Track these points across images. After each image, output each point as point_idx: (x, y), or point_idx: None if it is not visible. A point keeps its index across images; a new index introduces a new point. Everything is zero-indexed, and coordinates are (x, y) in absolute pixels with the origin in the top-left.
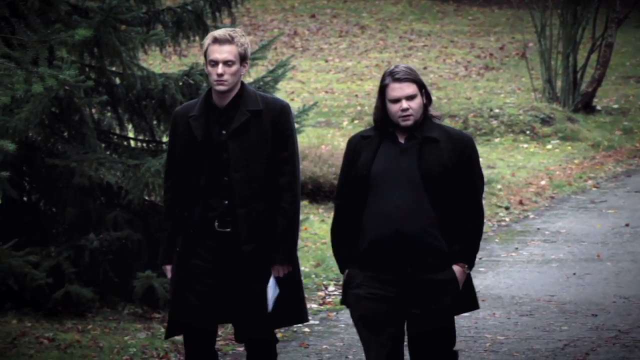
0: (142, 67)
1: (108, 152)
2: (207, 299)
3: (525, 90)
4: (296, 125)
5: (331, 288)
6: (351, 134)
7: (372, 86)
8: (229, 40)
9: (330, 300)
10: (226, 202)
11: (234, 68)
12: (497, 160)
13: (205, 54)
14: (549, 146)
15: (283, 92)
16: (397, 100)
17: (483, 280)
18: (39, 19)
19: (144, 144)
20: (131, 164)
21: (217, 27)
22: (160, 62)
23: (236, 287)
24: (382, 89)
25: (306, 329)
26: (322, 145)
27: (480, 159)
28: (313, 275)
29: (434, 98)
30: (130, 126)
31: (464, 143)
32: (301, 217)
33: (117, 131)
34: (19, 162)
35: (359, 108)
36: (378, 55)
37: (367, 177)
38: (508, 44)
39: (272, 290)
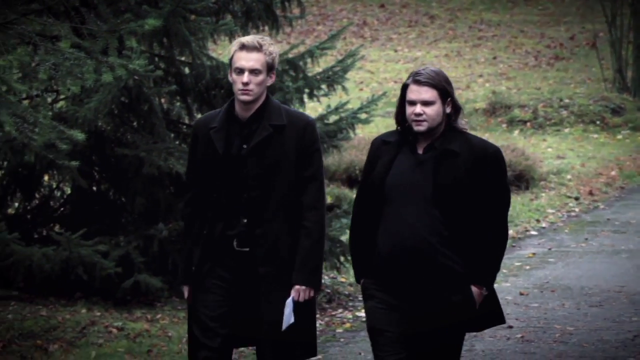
0: (211, 56)
1: (177, 142)
2: (224, 322)
3: (595, 80)
4: (364, 116)
5: None
6: None
7: None
8: (257, 48)
9: None
10: (245, 220)
11: (260, 78)
12: (567, 150)
13: (231, 61)
14: (619, 136)
15: (352, 81)
16: (413, 103)
17: (553, 270)
18: (108, 8)
19: None
20: None
21: (286, 18)
22: (229, 52)
23: (254, 309)
24: (404, 89)
25: None
26: None
27: (550, 149)
28: None
29: (502, 88)
30: (199, 116)
31: (486, 156)
32: None
33: (186, 121)
34: (88, 151)
35: None
36: (447, 45)
37: (381, 188)
38: (578, 33)
39: (288, 311)
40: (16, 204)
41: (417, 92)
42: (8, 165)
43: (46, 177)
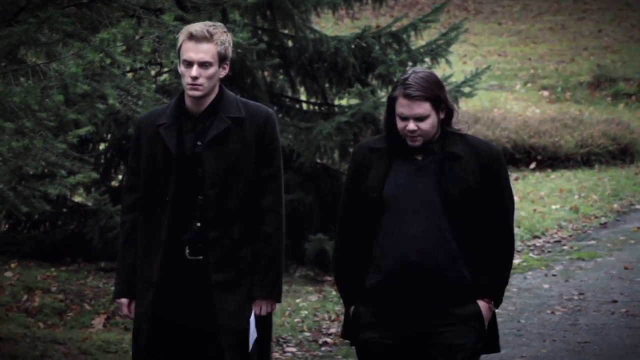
0: (314, 29)
1: (280, 115)
2: (176, 350)
3: None
4: (468, 89)
5: None
6: (524, 97)
7: (546, 49)
8: (207, 38)
9: None
10: (198, 224)
11: (211, 70)
12: None
13: (179, 52)
14: None
15: (455, 55)
16: (405, 118)
17: None
18: None
19: (316, 107)
20: (303, 127)
21: None
22: (332, 25)
23: (211, 326)
24: (391, 101)
25: None
26: (495, 108)
27: None
28: None
29: (607, 61)
30: (302, 89)
31: (490, 157)
32: None
33: (289, 94)
34: None
35: (532, 71)
36: (551, 18)
37: (378, 201)
38: None
39: (252, 329)
40: (120, 177)
41: (408, 108)
42: (112, 137)
43: None
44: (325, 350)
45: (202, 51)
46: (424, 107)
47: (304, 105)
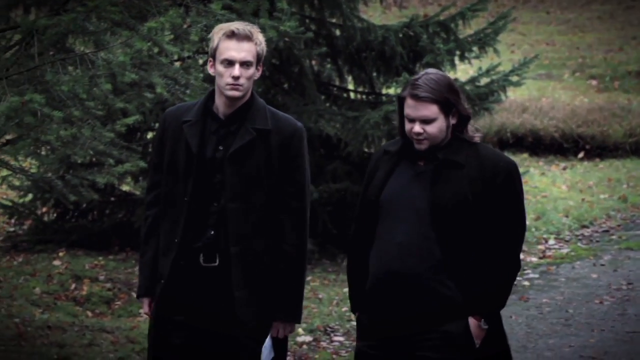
0: (362, 18)
1: (327, 104)
2: (188, 354)
3: None
4: (516, 78)
5: (551, 242)
6: (572, 86)
7: (594, 38)
8: (249, 37)
9: (550, 254)
10: (212, 232)
11: (251, 71)
12: None
13: (216, 50)
14: None
15: (503, 44)
16: (411, 120)
17: None
18: None
19: (364, 96)
20: (350, 116)
21: None
22: (380, 14)
23: (224, 340)
24: (400, 101)
25: (526, 282)
26: (543, 97)
27: None
28: (533, 229)
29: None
30: (349, 78)
31: (496, 169)
32: (521, 169)
33: (337, 83)
34: None
35: (580, 60)
36: (600, 7)
37: (375, 205)
38: None
39: (267, 352)
40: None
41: (414, 109)
42: None
43: None
44: None
45: (244, 50)
46: (431, 110)
47: (352, 94)
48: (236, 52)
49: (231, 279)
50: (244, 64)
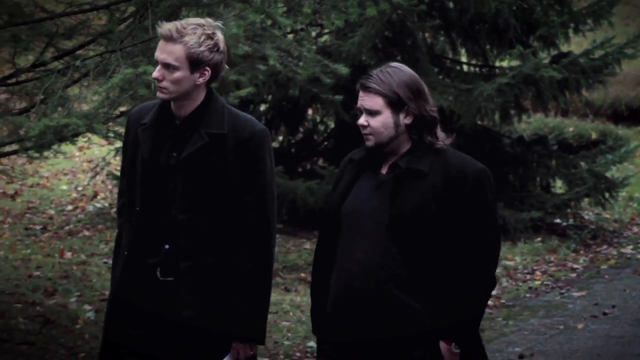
0: None
1: (440, 77)
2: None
3: None
4: (630, 51)
5: None
6: None
7: None
8: (173, 39)
9: None
10: (167, 246)
11: (178, 75)
12: None
13: None
14: None
15: (618, 16)
16: (360, 111)
17: None
18: None
19: (477, 69)
20: (464, 88)
21: None
22: None
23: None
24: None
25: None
26: None
27: None
28: None
29: None
30: (462, 50)
31: (463, 177)
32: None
33: (450, 55)
34: (352, 85)
35: None
36: None
37: (337, 218)
38: None
39: None
40: (280, 138)
41: (360, 99)
42: (272, 99)
43: (310, 111)
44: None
45: (166, 51)
46: (375, 101)
47: (465, 67)
48: (159, 52)
49: (180, 296)
50: (165, 66)
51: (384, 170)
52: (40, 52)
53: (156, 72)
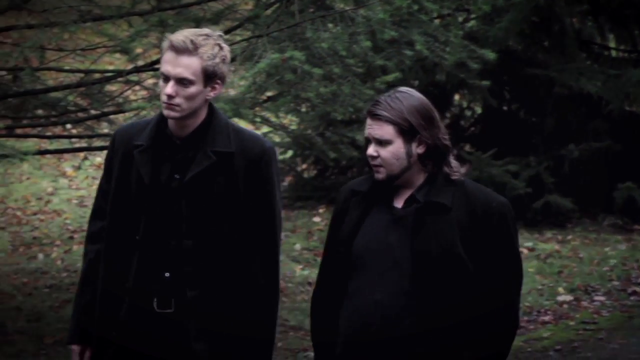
0: None
1: (588, 62)
2: None
3: None
4: None
5: None
6: None
7: None
8: (189, 50)
9: None
10: (168, 274)
11: (192, 90)
12: None
13: (161, 61)
14: None
15: None
16: (368, 141)
17: None
18: None
19: (626, 54)
20: (612, 74)
21: None
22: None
23: None
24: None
25: None
26: None
27: None
28: None
29: None
30: (611, 36)
31: (489, 210)
32: None
33: (598, 41)
34: (498, 71)
35: None
36: None
37: (347, 256)
38: None
39: None
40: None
41: (369, 128)
42: (419, 84)
43: (456, 97)
44: (634, 300)
45: (181, 65)
46: (385, 130)
47: (613, 53)
48: (172, 66)
49: (188, 328)
50: (180, 81)
51: (398, 204)
52: None
53: (169, 88)
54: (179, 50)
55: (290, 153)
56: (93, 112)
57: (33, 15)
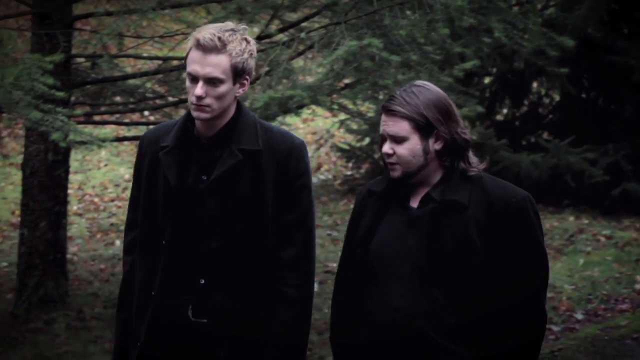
0: None
1: None
2: None
3: None
4: None
5: None
6: None
7: None
8: (217, 48)
9: None
10: (203, 281)
11: (223, 89)
12: None
13: (186, 60)
14: None
15: None
16: (383, 138)
17: None
18: None
19: None
20: None
21: None
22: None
23: None
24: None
25: None
26: None
27: None
28: None
29: None
30: None
31: (508, 206)
32: None
33: None
34: (577, 58)
35: None
36: None
37: (363, 259)
38: None
39: None
40: (504, 111)
41: (385, 124)
42: (497, 71)
43: (535, 84)
44: None
45: (210, 64)
46: (400, 127)
47: None
48: (200, 66)
49: (221, 335)
50: (210, 81)
51: (414, 204)
52: (265, 24)
53: (199, 89)
54: (207, 48)
55: (367, 140)
56: (171, 99)
57: (112, 3)
